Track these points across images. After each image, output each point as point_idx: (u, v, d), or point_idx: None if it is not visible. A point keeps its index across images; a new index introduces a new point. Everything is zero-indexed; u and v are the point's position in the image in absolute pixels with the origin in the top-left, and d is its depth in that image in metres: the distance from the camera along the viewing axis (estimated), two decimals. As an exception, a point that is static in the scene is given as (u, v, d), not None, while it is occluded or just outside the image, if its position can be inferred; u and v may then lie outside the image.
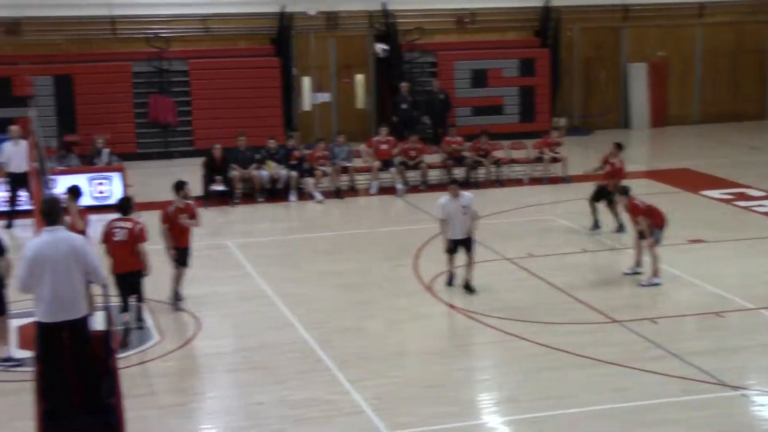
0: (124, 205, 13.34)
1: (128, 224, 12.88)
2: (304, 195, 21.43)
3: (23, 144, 18.91)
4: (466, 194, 14.67)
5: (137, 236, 12.74)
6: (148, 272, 12.97)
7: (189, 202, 14.33)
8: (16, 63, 24.17)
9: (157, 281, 13.74)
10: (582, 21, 30.26)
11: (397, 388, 11.18)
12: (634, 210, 14.78)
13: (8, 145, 19.27)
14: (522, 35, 29.95)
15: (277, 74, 27.37)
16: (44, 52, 26.09)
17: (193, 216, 14.11)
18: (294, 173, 21.40)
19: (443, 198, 14.56)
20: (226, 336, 13.13)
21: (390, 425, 10.19)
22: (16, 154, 19.03)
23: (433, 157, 23.11)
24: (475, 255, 14.51)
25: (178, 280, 14.10)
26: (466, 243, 14.40)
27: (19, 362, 11.66)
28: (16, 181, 19.07)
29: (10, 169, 19.11)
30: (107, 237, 12.91)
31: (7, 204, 19.26)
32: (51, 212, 9.07)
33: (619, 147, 18.02)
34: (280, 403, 10.79)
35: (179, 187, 14.30)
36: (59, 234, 8.99)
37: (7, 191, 19.30)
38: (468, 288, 14.37)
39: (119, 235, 12.80)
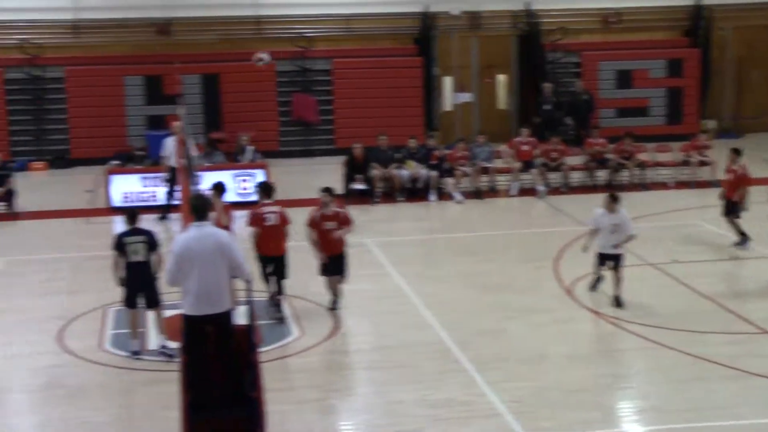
0: (269, 189, 13.73)
1: (276, 208, 13.41)
2: (444, 195, 21.43)
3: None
4: (622, 212, 14.00)
5: (285, 219, 13.31)
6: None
7: (338, 209, 13.81)
8: (167, 62, 24.93)
9: (297, 277, 13.94)
10: (734, 20, 29.26)
11: (537, 392, 11.04)
12: None
13: (170, 141, 19.91)
14: (670, 35, 29.21)
15: (419, 74, 27.45)
16: (193, 51, 26.84)
17: (344, 223, 13.78)
18: (434, 173, 21.41)
19: (599, 210, 14.09)
20: (366, 334, 13.22)
21: (529, 429, 10.07)
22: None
23: (575, 159, 22.77)
24: (623, 271, 14.03)
25: (334, 288, 13.91)
26: (614, 259, 13.95)
27: (172, 353, 11.90)
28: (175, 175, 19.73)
29: (171, 164, 19.76)
30: (258, 222, 13.31)
31: (166, 197, 19.87)
32: (200, 208, 9.30)
33: (737, 153, 17.27)
34: (418, 403, 10.79)
35: (328, 191, 13.86)
36: (206, 229, 9.21)
37: (166, 184, 19.90)
38: (618, 303, 13.85)
39: (271, 220, 13.29)
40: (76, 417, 10.55)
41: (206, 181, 19.80)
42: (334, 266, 13.73)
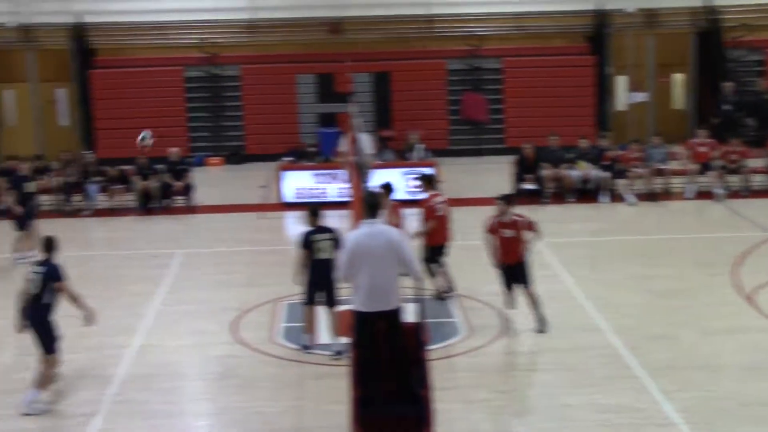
0: (431, 180, 14.41)
1: (443, 198, 14.06)
2: (615, 196, 21.06)
3: (364, 137, 20.03)
4: None
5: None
6: None
7: (517, 217, 13.19)
8: (339, 61, 25.41)
9: (467, 276, 13.97)
10: None
11: (711, 403, 10.71)
12: None
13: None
14: None
15: (591, 73, 27.07)
16: (364, 50, 27.26)
17: (527, 228, 13.11)
18: (606, 174, 21.06)
19: None
20: (534, 335, 13.12)
21: (703, 440, 9.80)
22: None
23: (756, 162, 21.95)
24: None
25: (528, 299, 13.26)
26: None
27: (342, 350, 11.91)
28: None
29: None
30: (431, 213, 13.90)
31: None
32: (372, 205, 9.44)
33: None
34: (587, 407, 10.65)
35: (506, 199, 13.39)
36: (378, 227, 9.33)
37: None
38: None
39: (441, 210, 13.91)
40: (250, 406, 10.90)
41: (377, 178, 20.18)
42: (513, 275, 13.15)
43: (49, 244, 11.15)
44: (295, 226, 14.40)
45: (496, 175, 23.31)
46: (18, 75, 27.84)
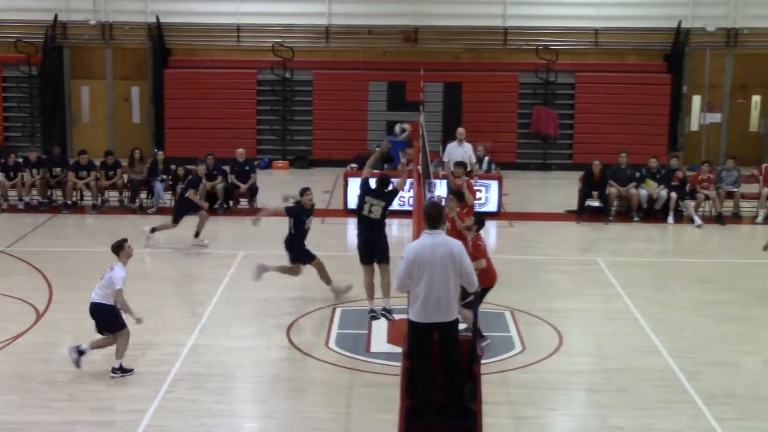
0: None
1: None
2: (682, 218, 20.77)
3: (467, 146, 20.25)
4: None
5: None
6: None
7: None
8: (412, 69, 25.47)
9: (523, 292, 13.89)
10: None
11: (768, 433, 10.53)
12: None
13: (453, 146, 20.48)
14: None
15: (667, 91, 26.77)
16: (437, 60, 27.30)
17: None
18: (674, 194, 20.78)
19: None
20: (589, 354, 13.00)
21: (758, 471, 9.61)
22: (459, 156, 20.10)
23: (831, 189, 21.48)
24: None
25: None
26: None
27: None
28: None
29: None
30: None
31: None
32: (435, 216, 9.42)
33: None
34: (640, 430, 10.51)
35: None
36: (439, 238, 9.31)
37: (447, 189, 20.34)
38: None
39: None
40: (299, 411, 10.96)
41: (441, 188, 20.17)
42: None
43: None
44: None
45: (562, 190, 23.19)
46: (95, 72, 28.42)
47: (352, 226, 19.86)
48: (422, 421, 9.33)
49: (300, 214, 14.61)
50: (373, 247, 13.90)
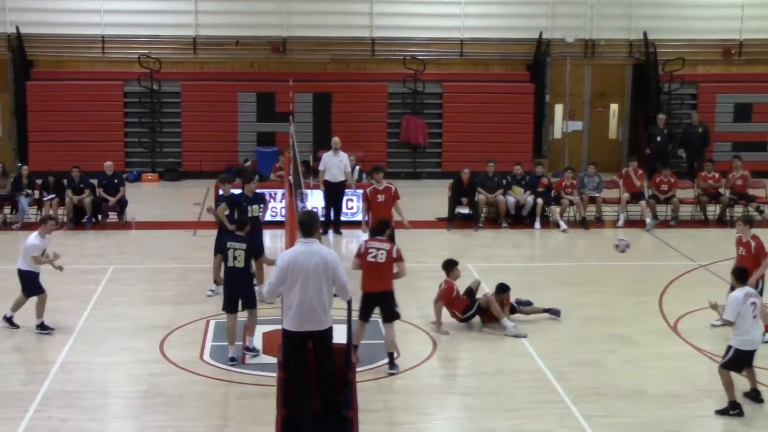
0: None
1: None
2: (548, 223, 21.30)
3: (342, 156, 20.30)
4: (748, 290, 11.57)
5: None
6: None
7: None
8: (280, 80, 25.40)
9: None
10: None
11: (634, 429, 10.88)
12: None
13: (329, 155, 20.44)
14: (794, 68, 28.51)
15: (530, 100, 27.39)
16: (306, 70, 27.31)
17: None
18: (540, 200, 21.29)
19: (737, 292, 11.46)
20: (461, 359, 13.21)
21: (623, 466, 9.91)
22: (335, 165, 20.23)
23: (686, 192, 22.36)
24: None
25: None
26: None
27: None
28: (332, 191, 20.25)
29: (327, 178, 20.24)
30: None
31: (323, 213, 20.24)
32: (307, 224, 9.43)
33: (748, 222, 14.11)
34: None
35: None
36: (314, 246, 9.32)
37: (324, 199, 20.39)
38: (754, 397, 11.70)
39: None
40: (171, 425, 10.81)
41: (312, 199, 20.20)
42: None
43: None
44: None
45: (432, 198, 23.47)
46: (-47, 84, 27.42)
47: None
48: (299, 430, 9.33)
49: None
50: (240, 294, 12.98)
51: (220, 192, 16.13)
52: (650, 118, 26.74)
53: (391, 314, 12.50)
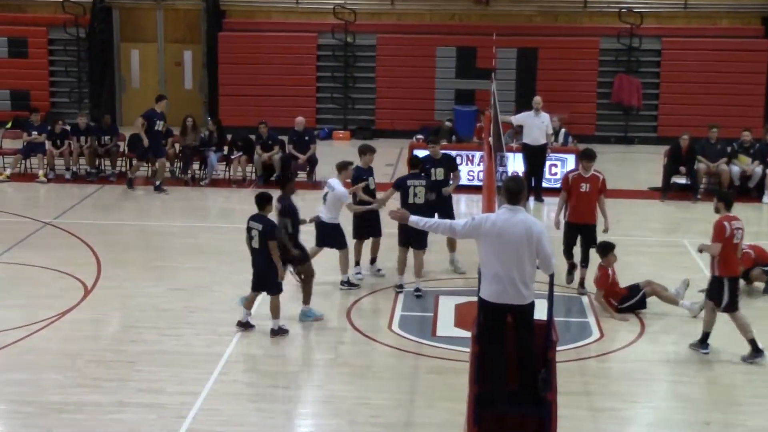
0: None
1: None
2: (780, 197, 20.49)
3: (544, 116, 20.22)
4: None
5: (601, 188, 14.30)
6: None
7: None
8: (483, 34, 25.30)
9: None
10: None
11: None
12: None
13: (529, 115, 20.41)
14: None
15: (764, 58, 26.33)
16: (511, 23, 27.08)
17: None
18: (771, 172, 20.48)
19: None
20: (672, 343, 12.86)
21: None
22: (536, 126, 20.12)
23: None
24: None
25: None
26: None
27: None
28: (532, 154, 20.17)
29: (526, 141, 20.23)
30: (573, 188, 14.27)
31: (525, 176, 20.22)
32: (515, 191, 9.30)
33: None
34: (728, 428, 10.40)
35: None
36: (519, 215, 9.20)
37: (524, 164, 20.29)
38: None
39: (583, 188, 14.19)
40: (358, 396, 11.01)
41: (513, 162, 20.08)
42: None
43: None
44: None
45: (645, 165, 22.95)
46: (146, 35, 28.67)
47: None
48: (492, 409, 9.30)
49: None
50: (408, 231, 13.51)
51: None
52: None
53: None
